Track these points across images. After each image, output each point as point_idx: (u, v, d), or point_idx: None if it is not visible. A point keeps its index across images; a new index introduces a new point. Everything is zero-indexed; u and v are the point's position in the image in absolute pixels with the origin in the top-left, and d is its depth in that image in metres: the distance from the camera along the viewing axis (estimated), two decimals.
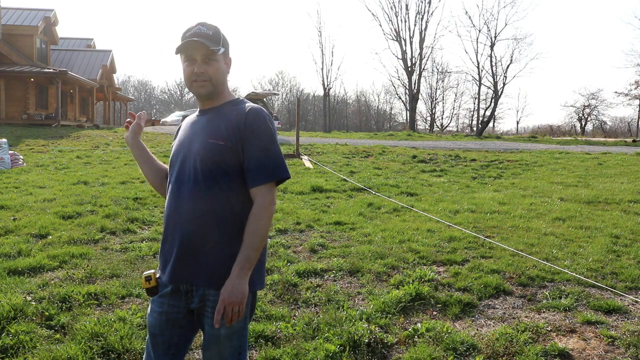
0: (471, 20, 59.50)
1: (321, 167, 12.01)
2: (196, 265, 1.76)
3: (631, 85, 42.85)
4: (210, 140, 1.76)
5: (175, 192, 1.81)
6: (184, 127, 1.95)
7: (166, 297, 1.85)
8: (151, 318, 1.88)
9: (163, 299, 1.85)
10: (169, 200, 1.84)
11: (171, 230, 1.81)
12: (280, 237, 5.66)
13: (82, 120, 27.20)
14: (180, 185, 1.80)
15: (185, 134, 1.89)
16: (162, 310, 1.85)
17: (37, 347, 3.03)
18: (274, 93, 31.26)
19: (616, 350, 3.15)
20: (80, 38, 34.61)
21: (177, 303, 1.84)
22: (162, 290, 1.85)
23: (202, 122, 1.86)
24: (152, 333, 1.89)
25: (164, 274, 1.84)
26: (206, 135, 1.78)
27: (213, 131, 1.78)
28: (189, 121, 1.94)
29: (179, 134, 1.95)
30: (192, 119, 1.94)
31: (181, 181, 1.80)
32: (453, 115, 61.42)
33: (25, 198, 7.39)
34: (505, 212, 7.11)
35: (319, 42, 70.84)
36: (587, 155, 15.36)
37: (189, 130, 1.89)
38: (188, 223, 1.76)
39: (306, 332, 3.31)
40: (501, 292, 4.11)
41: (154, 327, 1.88)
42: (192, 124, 1.91)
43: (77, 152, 13.50)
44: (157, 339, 1.88)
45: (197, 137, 1.82)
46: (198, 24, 1.82)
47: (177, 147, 1.89)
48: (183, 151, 1.83)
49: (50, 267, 4.47)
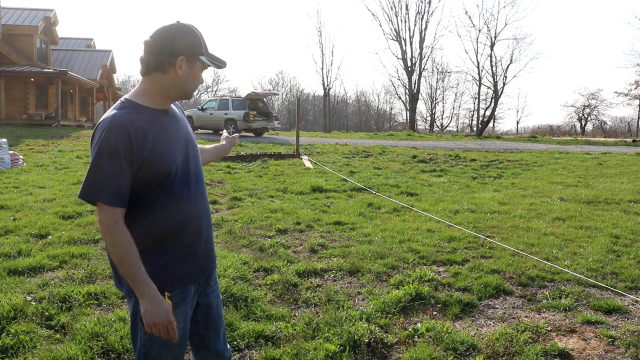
0: (471, 20, 59.63)
1: (321, 167, 12.01)
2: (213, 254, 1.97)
3: (631, 85, 42.88)
4: (193, 135, 1.94)
5: (191, 192, 1.81)
6: (156, 126, 1.74)
7: (188, 302, 1.84)
8: (178, 332, 1.79)
9: (186, 307, 1.83)
10: (186, 200, 1.79)
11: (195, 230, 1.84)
12: (280, 237, 5.66)
13: (82, 120, 27.21)
14: (195, 184, 1.84)
15: (169, 134, 1.77)
16: (187, 317, 1.86)
17: (37, 347, 3.03)
18: (274, 93, 31.11)
19: (616, 350, 3.15)
20: (80, 38, 34.61)
21: (194, 301, 1.89)
22: (181, 297, 1.81)
23: (177, 123, 1.84)
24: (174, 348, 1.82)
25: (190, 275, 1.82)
26: (192, 136, 1.90)
27: (190, 131, 1.92)
28: (153, 121, 1.73)
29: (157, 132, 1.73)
30: (155, 118, 1.75)
31: (195, 179, 1.84)
32: (453, 115, 61.54)
33: (25, 198, 7.39)
34: (505, 212, 7.11)
35: (319, 42, 71.03)
36: (587, 155, 15.36)
37: (168, 130, 1.78)
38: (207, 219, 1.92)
39: (306, 332, 3.31)
40: (501, 292, 4.11)
41: (179, 340, 1.81)
42: (164, 124, 1.77)
43: (77, 152, 13.50)
44: (177, 351, 1.85)
45: (188, 138, 1.86)
46: None
47: (171, 147, 1.76)
48: (181, 151, 1.79)
49: (50, 267, 4.47)
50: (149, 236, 1.73)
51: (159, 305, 1.66)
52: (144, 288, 1.65)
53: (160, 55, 1.71)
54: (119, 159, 1.60)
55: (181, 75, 1.74)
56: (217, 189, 8.81)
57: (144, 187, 1.69)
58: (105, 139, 1.60)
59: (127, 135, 1.62)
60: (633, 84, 42.27)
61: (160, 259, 1.74)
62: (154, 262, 1.73)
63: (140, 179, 1.67)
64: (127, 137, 1.62)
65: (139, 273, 1.64)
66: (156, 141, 1.69)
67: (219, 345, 2.02)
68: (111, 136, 1.60)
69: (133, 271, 1.64)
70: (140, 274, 1.65)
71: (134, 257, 1.64)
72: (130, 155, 1.62)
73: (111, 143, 1.60)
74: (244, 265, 4.58)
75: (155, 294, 1.66)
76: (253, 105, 22.53)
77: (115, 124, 1.62)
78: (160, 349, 1.79)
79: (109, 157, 1.60)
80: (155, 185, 1.71)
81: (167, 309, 1.67)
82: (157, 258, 1.74)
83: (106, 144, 1.60)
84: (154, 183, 1.70)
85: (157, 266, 1.73)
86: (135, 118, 1.67)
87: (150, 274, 1.68)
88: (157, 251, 1.74)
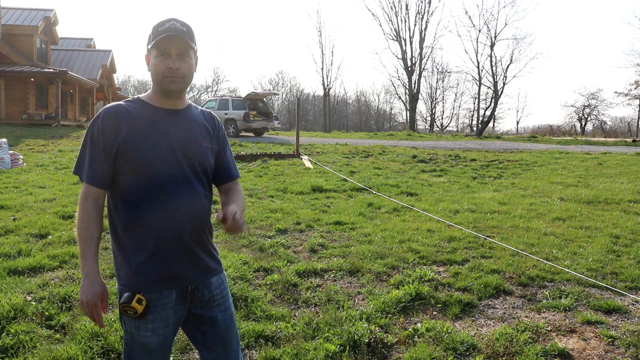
0: (471, 20, 59.71)
1: (321, 167, 12.01)
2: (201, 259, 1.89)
3: (631, 85, 42.86)
4: (204, 144, 1.87)
5: (179, 194, 1.76)
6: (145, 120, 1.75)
7: (169, 307, 1.79)
8: (155, 338, 1.78)
9: (167, 312, 1.79)
10: (170, 202, 1.75)
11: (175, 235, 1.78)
12: (280, 237, 5.66)
13: (82, 120, 27.19)
14: (184, 187, 1.77)
15: (159, 130, 1.75)
16: (169, 323, 1.81)
17: (37, 347, 3.03)
18: (274, 93, 31.15)
19: (616, 350, 3.15)
20: (80, 38, 34.59)
21: (181, 309, 1.84)
22: (160, 302, 1.77)
23: (179, 123, 1.80)
24: (154, 352, 1.81)
25: (167, 280, 1.78)
26: (200, 138, 1.86)
27: (202, 135, 1.87)
28: (145, 115, 1.75)
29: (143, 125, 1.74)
30: (151, 113, 1.77)
31: (184, 182, 1.78)
32: (453, 115, 61.55)
33: (25, 198, 7.39)
34: (505, 212, 7.11)
35: (319, 42, 71.05)
36: (587, 155, 15.35)
37: (161, 127, 1.76)
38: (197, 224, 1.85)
39: (306, 332, 3.31)
40: (501, 292, 4.11)
41: (159, 345, 1.80)
42: (157, 120, 1.76)
43: (77, 152, 13.48)
44: (158, 356, 1.83)
45: (188, 139, 1.80)
46: (171, 19, 1.77)
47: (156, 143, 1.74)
48: (173, 150, 1.75)
49: (50, 267, 4.47)
50: (130, 229, 1.75)
51: (91, 285, 1.72)
52: (86, 265, 1.72)
53: None
54: (97, 143, 1.73)
55: (150, 68, 1.81)
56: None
57: (126, 177, 1.74)
58: (92, 123, 1.77)
59: (109, 120, 1.73)
60: (633, 84, 42.31)
61: (139, 255, 1.75)
62: (133, 257, 1.75)
63: (120, 167, 1.74)
64: (108, 122, 1.73)
65: (87, 250, 1.72)
66: (137, 132, 1.73)
67: (228, 359, 1.96)
68: (97, 121, 1.75)
69: (83, 247, 1.73)
70: (88, 251, 1.73)
71: (89, 235, 1.72)
72: (107, 140, 1.72)
73: (94, 127, 1.75)
74: (244, 265, 4.58)
75: (93, 273, 1.73)
76: (253, 105, 22.54)
77: (105, 111, 1.76)
78: (141, 351, 1.80)
79: (89, 140, 1.76)
80: (140, 179, 1.73)
81: (97, 292, 1.73)
82: (135, 253, 1.75)
83: (90, 128, 1.76)
84: (135, 175, 1.72)
85: (135, 262, 1.75)
86: (124, 108, 1.77)
87: (126, 272, 1.76)
88: (137, 246, 1.75)
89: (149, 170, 1.72)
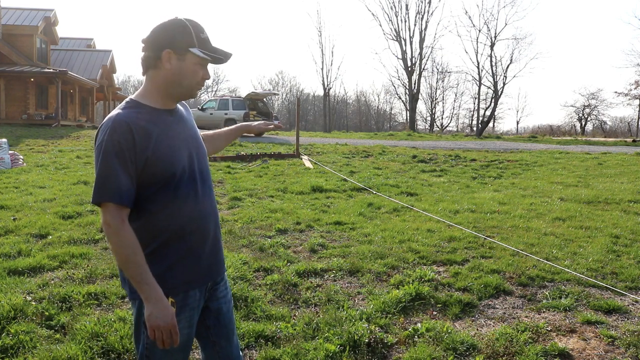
0: (471, 20, 59.78)
1: (321, 167, 12.01)
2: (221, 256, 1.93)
3: (631, 85, 42.85)
4: (200, 136, 1.92)
5: (198, 194, 1.78)
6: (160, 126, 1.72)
7: (193, 307, 1.80)
8: (179, 339, 1.73)
9: (191, 312, 1.79)
10: (192, 201, 1.76)
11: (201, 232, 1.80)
12: (280, 237, 5.66)
13: (82, 120, 27.20)
14: (201, 185, 1.80)
15: (173, 134, 1.75)
16: (192, 322, 1.81)
17: (37, 347, 3.04)
18: (274, 93, 31.21)
19: (616, 350, 3.15)
20: (80, 38, 34.59)
21: (200, 306, 1.85)
22: (184, 303, 1.77)
23: (181, 122, 1.81)
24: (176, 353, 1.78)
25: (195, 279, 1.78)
26: (198, 133, 1.89)
27: (195, 128, 1.90)
28: (157, 120, 1.72)
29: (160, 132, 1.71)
30: (159, 118, 1.73)
31: (201, 180, 1.80)
32: (453, 115, 61.54)
33: (25, 198, 7.39)
34: (505, 212, 7.11)
35: (319, 42, 71.12)
36: (587, 155, 15.35)
37: (173, 130, 1.76)
38: (214, 221, 1.88)
39: (306, 332, 3.31)
40: (501, 292, 4.11)
41: (181, 345, 1.77)
42: (168, 124, 1.75)
43: (77, 152, 13.50)
44: (179, 356, 1.81)
45: (193, 138, 1.83)
46: (204, 29, 1.76)
47: (175, 147, 1.73)
48: (186, 152, 1.77)
49: (50, 267, 4.47)
50: (154, 239, 1.70)
51: (164, 310, 1.62)
52: (150, 291, 1.61)
53: (150, 50, 1.70)
54: (124, 159, 1.59)
55: (171, 69, 1.70)
56: (217, 189, 8.81)
57: (149, 188, 1.67)
58: (109, 139, 1.60)
59: (130, 134, 1.60)
60: (633, 84, 42.29)
61: (165, 262, 1.71)
62: (159, 265, 1.70)
63: (145, 180, 1.65)
64: (130, 137, 1.60)
65: (145, 276, 1.61)
66: (159, 141, 1.67)
67: (231, 353, 1.97)
68: (115, 136, 1.59)
69: (139, 273, 1.60)
70: (147, 276, 1.61)
71: (140, 258, 1.60)
72: (133, 155, 1.61)
73: (115, 143, 1.59)
74: (244, 265, 4.58)
75: (161, 297, 1.63)
76: (253, 105, 22.55)
77: (118, 124, 1.61)
78: (163, 354, 1.75)
79: (113, 157, 1.59)
80: (161, 186, 1.68)
81: (172, 313, 1.64)
82: (161, 261, 1.71)
83: (110, 144, 1.59)
84: (159, 184, 1.67)
85: (161, 269, 1.70)
86: (138, 118, 1.66)
87: (154, 277, 1.65)
88: (162, 254, 1.71)
89: (175, 177, 1.70)
